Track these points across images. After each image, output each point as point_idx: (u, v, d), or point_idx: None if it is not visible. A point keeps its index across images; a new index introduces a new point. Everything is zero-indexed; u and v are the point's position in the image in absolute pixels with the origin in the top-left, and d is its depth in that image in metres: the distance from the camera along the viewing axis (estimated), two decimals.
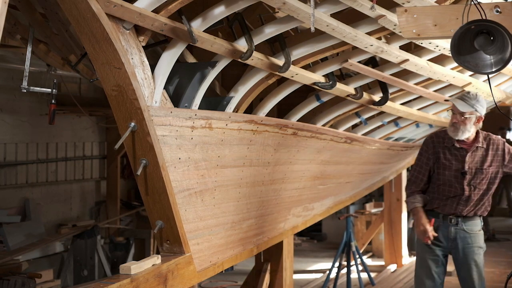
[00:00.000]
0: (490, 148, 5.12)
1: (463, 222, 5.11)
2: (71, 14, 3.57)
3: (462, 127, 5.00)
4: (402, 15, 4.07)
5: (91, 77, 5.54)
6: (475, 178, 5.10)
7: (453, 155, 5.11)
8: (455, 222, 5.10)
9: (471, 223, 5.13)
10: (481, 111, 5.07)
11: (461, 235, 5.10)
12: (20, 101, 7.87)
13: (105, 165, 9.46)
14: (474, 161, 5.10)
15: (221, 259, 4.88)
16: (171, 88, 4.30)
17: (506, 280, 4.41)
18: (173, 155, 4.14)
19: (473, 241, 5.10)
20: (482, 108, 5.07)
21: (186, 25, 3.92)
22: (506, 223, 13.98)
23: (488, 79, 5.03)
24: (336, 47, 4.81)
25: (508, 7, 3.89)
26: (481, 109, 5.06)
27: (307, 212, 6.62)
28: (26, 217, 7.89)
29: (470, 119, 5.01)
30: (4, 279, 5.87)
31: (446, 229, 5.12)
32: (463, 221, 5.11)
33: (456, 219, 5.10)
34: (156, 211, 4.23)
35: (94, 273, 7.69)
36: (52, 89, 4.19)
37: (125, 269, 3.98)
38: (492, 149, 5.13)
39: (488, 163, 5.11)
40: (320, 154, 6.02)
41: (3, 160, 7.70)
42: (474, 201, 5.11)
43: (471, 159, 5.09)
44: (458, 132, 5.02)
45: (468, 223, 5.12)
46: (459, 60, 3.78)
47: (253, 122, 4.79)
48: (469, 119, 5.01)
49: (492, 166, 5.13)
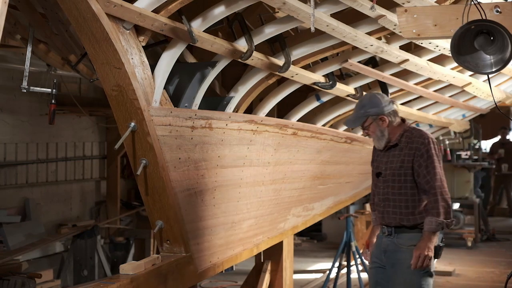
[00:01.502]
0: (404, 146, 4.45)
1: (396, 233, 4.43)
2: (71, 14, 3.57)
3: (374, 137, 4.53)
4: (402, 15, 4.07)
5: (91, 77, 5.54)
6: (390, 181, 4.45)
7: (376, 160, 4.62)
8: (387, 233, 4.46)
9: (403, 236, 4.39)
10: (375, 112, 4.46)
11: (390, 248, 4.44)
12: (20, 101, 7.87)
13: (105, 165, 9.46)
14: (389, 161, 4.49)
15: (221, 259, 4.88)
16: (171, 88, 4.30)
17: (506, 280, 4.38)
18: (173, 155, 4.14)
19: (405, 257, 4.33)
20: (375, 108, 4.47)
21: (186, 25, 3.92)
22: (506, 223, 13.98)
23: (488, 79, 5.03)
24: (336, 47, 4.81)
25: (508, 7, 3.90)
26: (374, 110, 4.46)
27: (307, 212, 6.61)
28: (26, 217, 7.89)
29: (373, 126, 4.48)
30: (4, 279, 5.87)
31: (380, 240, 4.54)
32: (396, 232, 4.43)
33: (388, 230, 4.46)
34: (156, 211, 4.23)
35: (94, 273, 7.68)
36: (52, 89, 4.19)
37: (125, 269, 3.99)
38: (406, 147, 4.45)
39: (400, 163, 4.43)
40: (320, 154, 6.02)
41: (3, 160, 7.70)
42: (400, 207, 4.40)
43: (385, 159, 4.51)
44: (376, 143, 4.53)
45: (400, 236, 4.41)
46: (459, 60, 3.78)
47: (253, 122, 4.79)
48: (372, 127, 4.49)
49: (404, 165, 4.41)
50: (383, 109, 4.47)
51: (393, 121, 4.49)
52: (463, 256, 10.58)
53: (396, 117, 4.51)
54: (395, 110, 4.51)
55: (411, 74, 5.68)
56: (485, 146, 14.68)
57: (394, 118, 4.50)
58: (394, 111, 4.51)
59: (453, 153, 11.79)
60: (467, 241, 11.28)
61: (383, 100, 4.50)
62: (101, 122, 9.28)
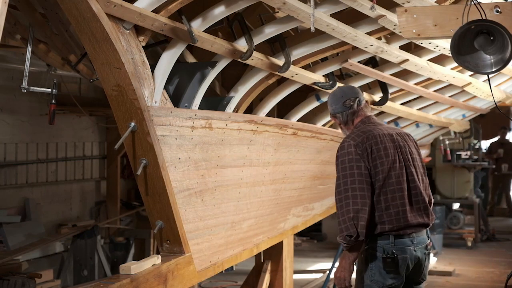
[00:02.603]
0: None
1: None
2: (71, 14, 3.57)
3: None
4: (402, 15, 4.07)
5: (91, 77, 5.54)
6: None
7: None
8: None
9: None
10: (331, 111, 4.19)
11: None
12: (20, 101, 7.87)
13: (105, 165, 9.46)
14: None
15: (221, 259, 4.88)
16: (171, 88, 4.30)
17: (506, 280, 4.39)
18: (173, 155, 4.14)
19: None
20: (330, 107, 4.18)
21: (186, 25, 3.92)
22: (506, 223, 13.97)
23: (488, 79, 5.03)
24: (336, 47, 4.81)
25: (508, 7, 3.90)
26: (331, 109, 4.19)
27: (307, 212, 6.61)
28: (26, 217, 7.89)
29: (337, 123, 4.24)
30: (4, 279, 5.87)
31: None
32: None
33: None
34: (156, 211, 4.23)
35: (94, 273, 7.68)
36: (52, 89, 4.19)
37: (125, 269, 3.99)
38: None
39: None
40: (320, 154, 6.02)
41: (3, 160, 7.70)
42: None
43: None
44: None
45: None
46: (459, 60, 3.78)
47: (253, 122, 4.79)
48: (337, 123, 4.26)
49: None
50: (331, 109, 4.17)
51: (344, 121, 4.13)
52: (463, 256, 10.59)
53: (352, 119, 4.10)
54: (352, 111, 4.08)
55: (411, 74, 5.68)
56: (485, 146, 14.67)
57: (345, 118, 4.11)
58: (349, 112, 4.09)
59: (453, 153, 11.78)
60: (467, 241, 11.27)
61: (334, 99, 4.14)
62: (101, 122, 9.28)
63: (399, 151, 3.99)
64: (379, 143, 3.94)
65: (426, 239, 4.04)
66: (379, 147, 3.93)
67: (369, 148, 3.91)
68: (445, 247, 11.04)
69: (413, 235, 3.94)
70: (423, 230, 4.01)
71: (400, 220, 3.89)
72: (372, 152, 3.91)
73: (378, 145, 3.93)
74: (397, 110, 6.25)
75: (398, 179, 3.92)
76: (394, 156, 3.95)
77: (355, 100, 4.10)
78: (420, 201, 3.99)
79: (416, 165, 4.05)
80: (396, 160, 3.95)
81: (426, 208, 4.01)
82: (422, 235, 4.00)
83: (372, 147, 3.92)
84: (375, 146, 3.92)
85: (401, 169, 3.95)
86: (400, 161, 3.97)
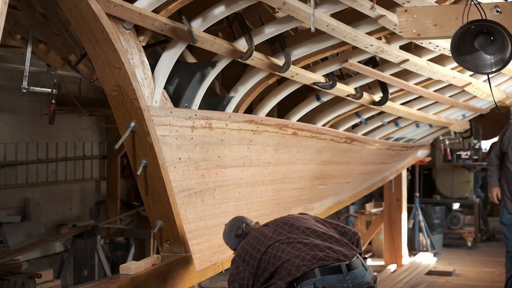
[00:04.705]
0: None
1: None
2: (71, 14, 3.57)
3: None
4: (402, 15, 4.07)
5: (91, 77, 5.54)
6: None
7: None
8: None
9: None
10: (231, 248, 4.25)
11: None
12: (20, 101, 7.87)
13: (105, 165, 9.45)
14: None
15: (221, 259, 4.87)
16: (171, 88, 4.30)
17: (506, 280, 4.39)
18: (173, 155, 4.14)
19: None
20: (228, 245, 4.27)
21: (186, 25, 3.92)
22: None
23: (488, 79, 5.03)
24: (336, 47, 4.81)
25: (508, 7, 3.89)
26: (229, 246, 4.27)
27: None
28: (26, 217, 7.88)
29: None
30: (4, 279, 5.87)
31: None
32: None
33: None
34: (156, 211, 4.23)
35: (94, 273, 7.68)
36: (52, 89, 4.19)
37: (125, 269, 3.99)
38: None
39: None
40: (320, 154, 6.02)
41: (3, 160, 7.69)
42: None
43: None
44: None
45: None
46: (459, 60, 3.77)
47: (253, 122, 4.79)
48: None
49: None
50: (229, 246, 4.25)
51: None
52: (463, 256, 10.59)
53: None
54: (244, 236, 4.11)
55: (411, 74, 5.68)
56: (485, 146, 14.65)
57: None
58: (243, 239, 4.10)
59: (453, 153, 11.79)
60: (467, 241, 11.28)
61: (226, 237, 4.22)
62: (101, 122, 9.28)
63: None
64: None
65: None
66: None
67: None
68: (445, 247, 11.04)
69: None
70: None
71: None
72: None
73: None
74: (397, 110, 6.25)
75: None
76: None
77: (243, 226, 4.15)
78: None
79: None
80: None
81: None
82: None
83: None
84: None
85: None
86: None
